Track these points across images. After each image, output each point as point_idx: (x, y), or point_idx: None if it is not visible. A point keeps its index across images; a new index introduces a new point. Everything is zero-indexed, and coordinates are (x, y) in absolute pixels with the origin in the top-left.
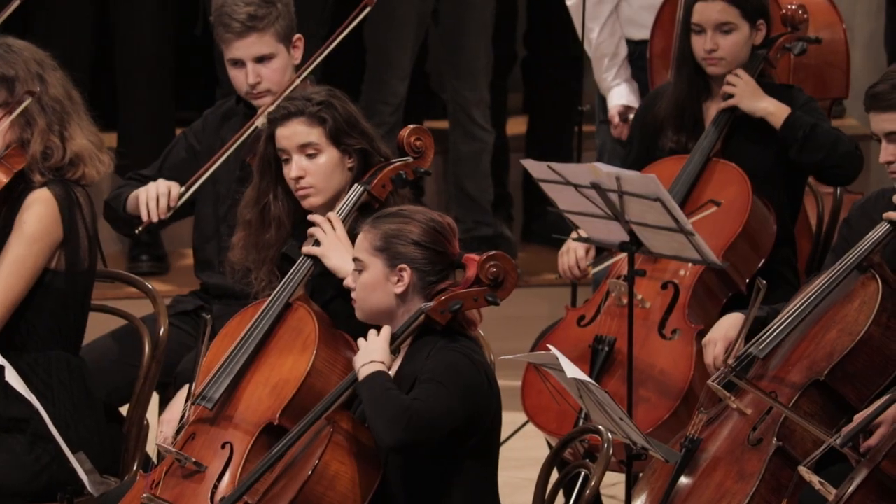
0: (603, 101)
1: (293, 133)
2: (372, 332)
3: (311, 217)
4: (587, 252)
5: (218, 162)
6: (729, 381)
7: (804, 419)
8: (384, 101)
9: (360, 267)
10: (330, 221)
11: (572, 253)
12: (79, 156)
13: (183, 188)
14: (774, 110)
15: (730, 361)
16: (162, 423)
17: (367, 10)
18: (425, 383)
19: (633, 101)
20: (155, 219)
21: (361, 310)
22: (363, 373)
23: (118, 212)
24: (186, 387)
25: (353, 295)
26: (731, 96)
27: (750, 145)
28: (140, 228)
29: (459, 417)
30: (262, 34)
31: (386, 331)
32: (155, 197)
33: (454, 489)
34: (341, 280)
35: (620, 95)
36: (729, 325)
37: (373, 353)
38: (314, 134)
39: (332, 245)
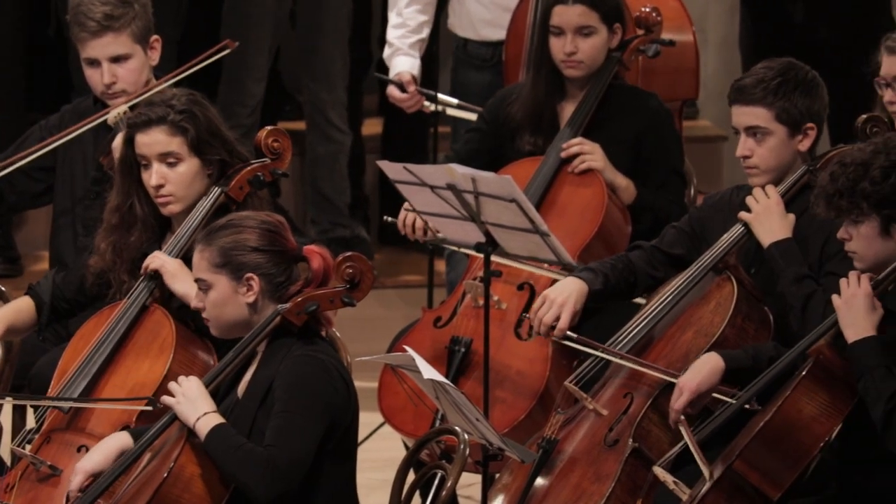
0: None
1: (154, 141)
2: (182, 378)
3: (147, 258)
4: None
5: (44, 150)
6: (585, 382)
7: (658, 419)
8: (241, 103)
9: (204, 287)
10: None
11: (413, 213)
12: None
13: None
14: (623, 185)
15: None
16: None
17: (226, 51)
18: (278, 417)
19: (417, 76)
20: None
21: (217, 327)
22: (202, 429)
23: None
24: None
25: (204, 315)
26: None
27: (605, 146)
28: None
29: (321, 434)
30: (119, 34)
31: (195, 379)
32: None
33: (313, 490)
34: None
35: (413, 65)
36: (573, 288)
37: (198, 404)
38: (175, 143)
39: (180, 270)
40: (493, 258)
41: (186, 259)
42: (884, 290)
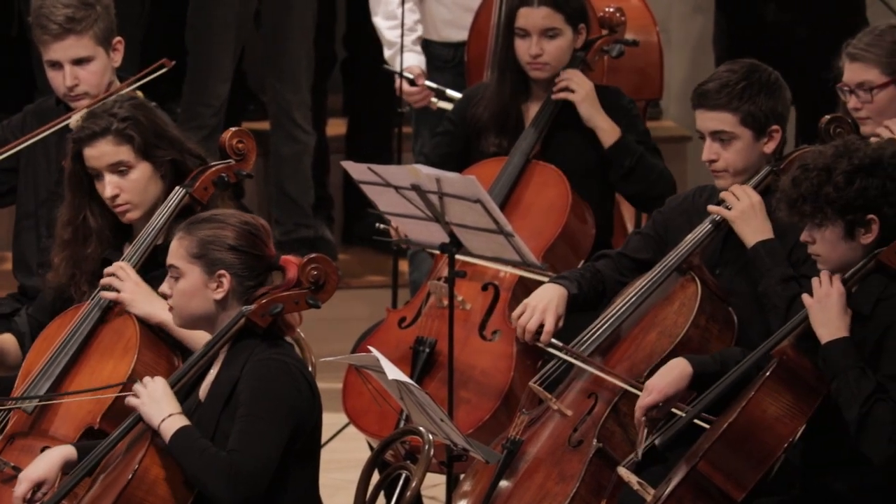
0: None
1: (101, 153)
2: (147, 378)
3: (106, 271)
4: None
5: (7, 153)
6: (550, 383)
7: (624, 420)
8: (205, 104)
9: (176, 274)
10: (122, 269)
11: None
12: None
13: None
14: (607, 128)
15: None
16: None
17: (163, 70)
18: (241, 421)
19: (425, 71)
20: None
21: (180, 317)
22: (167, 431)
23: None
24: None
25: (169, 302)
26: (569, 91)
27: (570, 145)
28: None
29: (285, 438)
30: (81, 36)
31: (160, 379)
32: None
33: (276, 491)
34: None
35: (420, 60)
36: (553, 293)
37: (163, 405)
38: (123, 152)
39: (135, 292)
40: (458, 258)
41: (152, 260)
42: (847, 291)
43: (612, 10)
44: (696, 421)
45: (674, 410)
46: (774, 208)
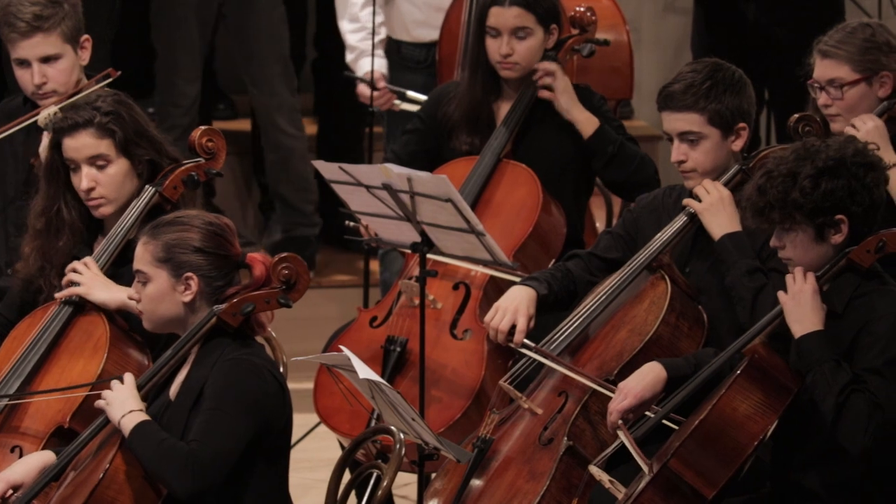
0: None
1: (82, 145)
2: (114, 381)
3: (67, 269)
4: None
5: None
6: (521, 381)
7: (594, 419)
8: (174, 104)
9: (143, 279)
10: (85, 264)
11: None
12: None
13: None
14: (585, 120)
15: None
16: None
17: (109, 80)
18: (205, 413)
19: (386, 75)
20: None
21: (150, 321)
22: (127, 426)
23: None
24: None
25: (139, 307)
26: (551, 77)
27: (541, 144)
28: None
29: (250, 433)
30: (48, 34)
31: (129, 377)
32: None
33: (245, 491)
34: None
35: (381, 64)
36: (522, 295)
37: (126, 403)
38: (103, 146)
39: (92, 281)
40: (429, 257)
41: (122, 259)
42: (818, 290)
43: (582, 9)
44: (664, 421)
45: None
46: (742, 217)
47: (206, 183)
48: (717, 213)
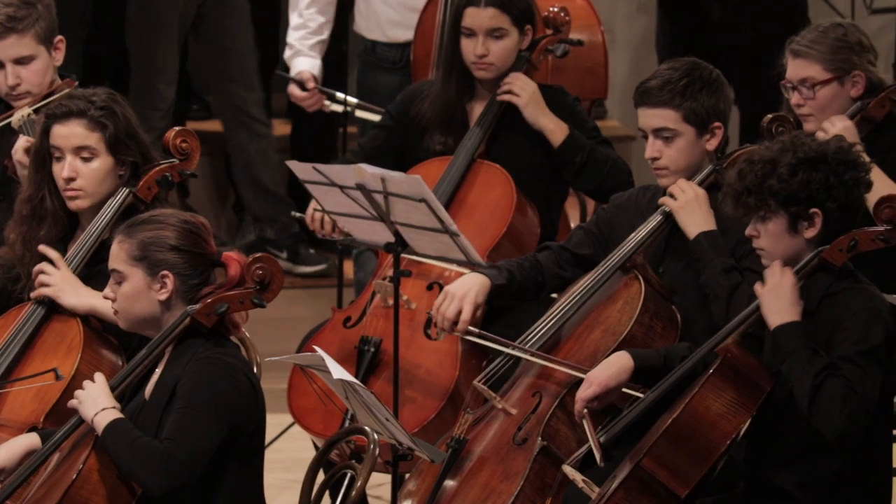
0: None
1: (72, 133)
2: (86, 381)
3: (34, 270)
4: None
5: None
6: (495, 381)
7: (566, 418)
8: (153, 107)
9: (118, 278)
10: (54, 264)
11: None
12: None
13: None
14: (554, 128)
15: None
16: None
17: (66, 91)
18: (178, 412)
19: (318, 76)
20: None
21: (125, 320)
22: (100, 424)
23: None
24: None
25: (114, 306)
26: (514, 94)
27: (516, 144)
28: None
29: (222, 434)
30: (22, 35)
31: (100, 376)
32: None
33: (219, 491)
34: None
35: (313, 65)
36: (473, 282)
37: (98, 401)
38: (93, 138)
39: (62, 284)
40: (403, 256)
41: (95, 259)
42: None
43: (556, 9)
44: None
45: (620, 401)
46: (721, 202)
47: (180, 183)
48: (693, 211)
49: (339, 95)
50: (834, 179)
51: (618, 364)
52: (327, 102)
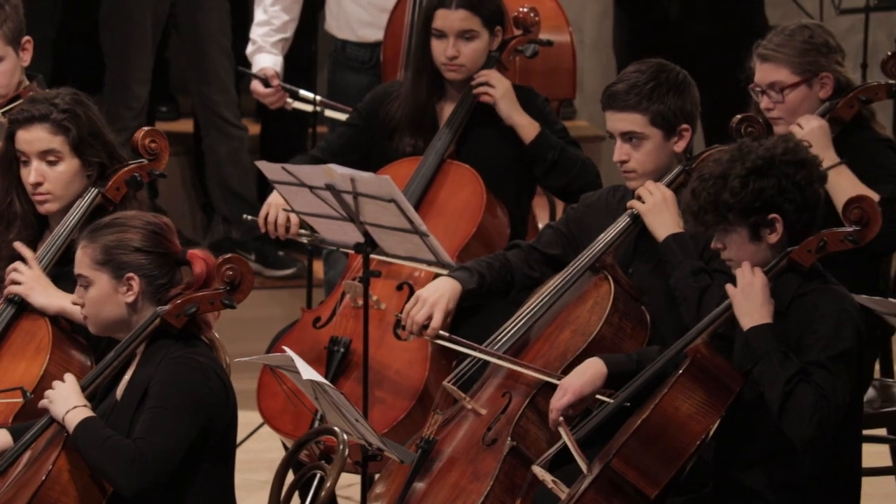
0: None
1: (35, 138)
2: (56, 381)
3: (10, 267)
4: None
5: None
6: (464, 382)
7: (536, 419)
8: (127, 106)
9: (85, 283)
10: (27, 262)
11: (275, 210)
12: None
13: None
14: (526, 124)
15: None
16: None
17: (31, 93)
18: (149, 412)
19: (280, 73)
20: None
21: (94, 324)
22: (71, 422)
23: None
24: None
25: (82, 311)
26: (489, 86)
27: (485, 144)
28: None
29: (193, 433)
30: None
31: (70, 376)
32: None
33: (190, 491)
34: None
35: (276, 62)
36: (446, 287)
37: (69, 399)
38: (56, 142)
39: (33, 283)
40: (373, 257)
41: (65, 259)
42: None
43: (526, 10)
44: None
45: (590, 403)
46: (684, 221)
47: (149, 184)
48: (661, 213)
49: (303, 93)
50: (786, 182)
51: (591, 371)
52: (290, 100)
